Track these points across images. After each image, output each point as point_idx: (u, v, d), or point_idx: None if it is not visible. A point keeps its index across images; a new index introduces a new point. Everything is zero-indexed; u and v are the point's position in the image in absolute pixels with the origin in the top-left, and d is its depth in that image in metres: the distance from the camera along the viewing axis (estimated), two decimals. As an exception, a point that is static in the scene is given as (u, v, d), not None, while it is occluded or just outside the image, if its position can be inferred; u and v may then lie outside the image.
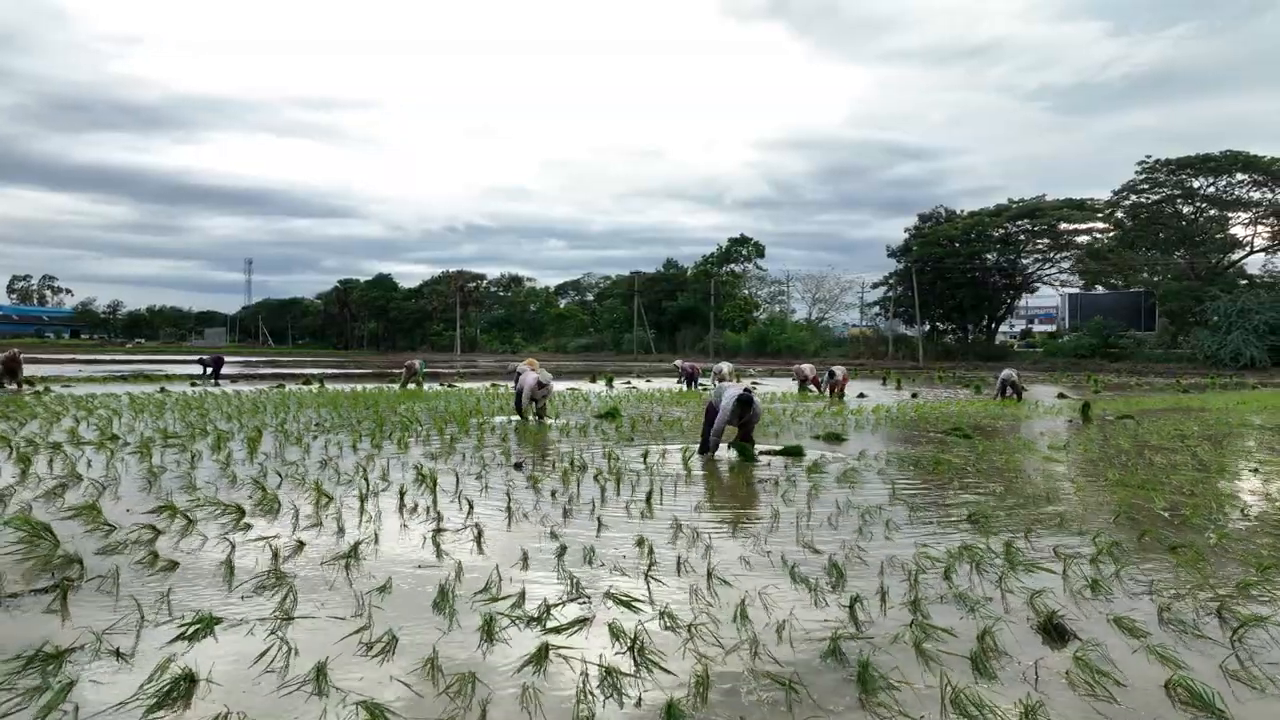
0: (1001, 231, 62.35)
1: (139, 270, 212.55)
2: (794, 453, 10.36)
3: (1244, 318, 49.20)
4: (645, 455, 9.93)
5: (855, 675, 3.44)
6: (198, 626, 3.92)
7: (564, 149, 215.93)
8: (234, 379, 29.98)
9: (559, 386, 24.20)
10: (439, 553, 5.44)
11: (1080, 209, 59.30)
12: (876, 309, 70.84)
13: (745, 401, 9.90)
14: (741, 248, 75.81)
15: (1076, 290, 69.10)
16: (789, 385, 27.63)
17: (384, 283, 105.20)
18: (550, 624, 4.06)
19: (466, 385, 27.44)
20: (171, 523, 6.28)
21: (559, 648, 3.70)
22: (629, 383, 30.55)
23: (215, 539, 5.73)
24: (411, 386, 24.31)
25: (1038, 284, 66.92)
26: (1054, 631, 3.91)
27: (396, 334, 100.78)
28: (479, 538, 5.79)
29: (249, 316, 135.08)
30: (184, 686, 3.25)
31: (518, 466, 9.17)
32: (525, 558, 5.26)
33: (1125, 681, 3.41)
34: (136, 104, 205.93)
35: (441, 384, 27.79)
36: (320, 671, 3.40)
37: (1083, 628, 4.05)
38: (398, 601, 4.41)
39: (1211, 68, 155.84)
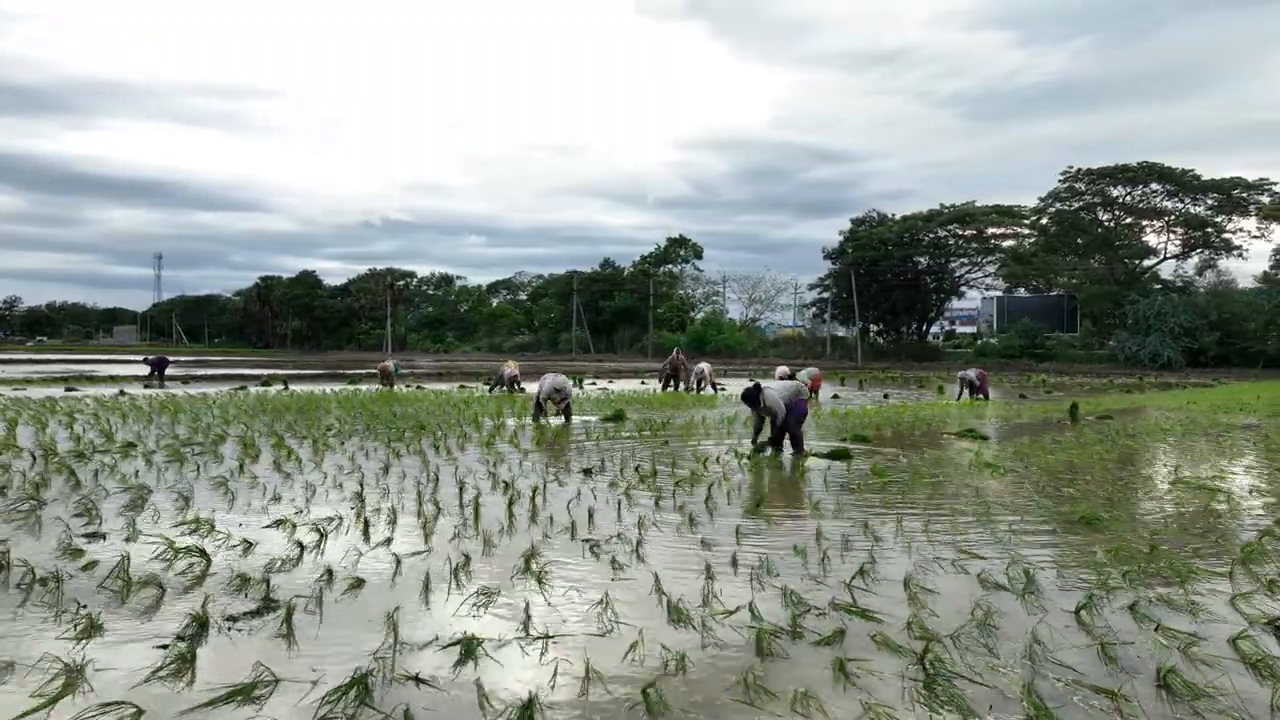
0: (932, 236, 64.24)
1: (31, 264, 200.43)
2: (841, 455, 10.52)
3: (1160, 321, 51.78)
4: (704, 461, 9.95)
5: (1159, 683, 3.54)
6: (467, 646, 3.81)
7: (483, 144, 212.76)
8: (183, 380, 28.80)
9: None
10: (615, 564, 5.37)
11: (1008, 215, 61.52)
12: (813, 310, 72.12)
13: (747, 398, 10.41)
14: (679, 248, 76.22)
15: (1000, 293, 71.58)
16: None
17: (307, 280, 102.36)
18: (811, 638, 4.06)
19: (435, 387, 26.97)
20: (292, 535, 6.06)
21: (853, 660, 3.71)
22: (594, 383, 30.44)
23: (372, 554, 5.55)
24: (384, 387, 23.76)
25: (965, 287, 69.19)
26: (1293, 633, 4.09)
27: (321, 333, 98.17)
28: (637, 547, 5.75)
29: (161, 314, 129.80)
30: (530, 711, 3.16)
31: (587, 473, 9.10)
32: (708, 569, 5.23)
33: None
34: (18, 85, 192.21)
35: (407, 385, 27.19)
36: (648, 690, 3.34)
37: (1306, 628, 4.24)
38: (632, 616, 4.34)
39: (1110, 80, 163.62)
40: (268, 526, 6.31)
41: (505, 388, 23.66)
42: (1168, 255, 60.61)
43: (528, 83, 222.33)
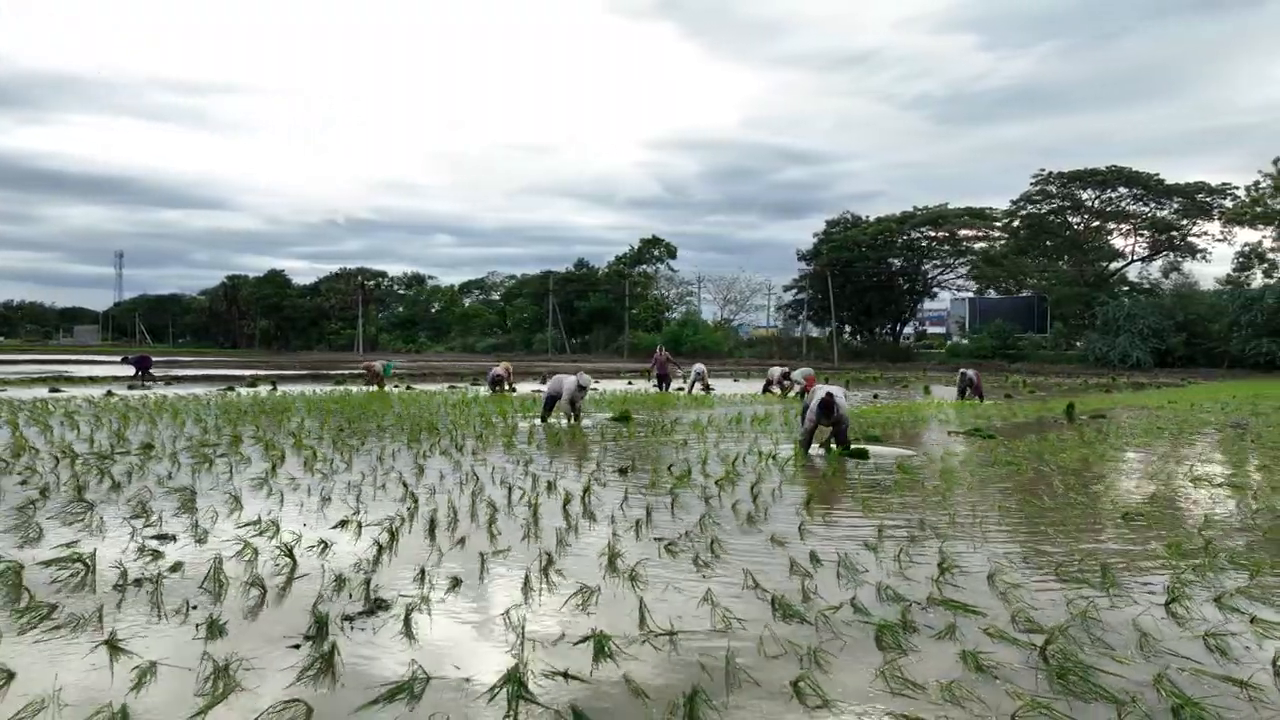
0: (905, 238, 65.01)
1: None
2: (860, 455, 10.67)
3: (1130, 322, 52.79)
4: (733, 461, 10.03)
5: (1277, 671, 3.69)
6: (599, 643, 3.86)
7: (452, 143, 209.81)
8: (165, 381, 28.35)
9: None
10: (697, 562, 5.45)
11: (980, 217, 62.39)
12: (790, 310, 72.53)
13: (825, 406, 10.37)
14: (654, 248, 76.35)
15: (971, 295, 72.50)
16: (733, 387, 28.08)
17: (276, 279, 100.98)
18: (926, 632, 4.16)
19: (423, 387, 26.83)
20: (360, 535, 6.07)
21: (980, 653, 3.81)
22: (581, 384, 30.42)
23: (452, 553, 5.58)
24: (373, 388, 23.61)
25: (938, 289, 70.06)
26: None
27: (290, 333, 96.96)
28: (711, 546, 5.82)
29: (124, 313, 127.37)
30: (694, 705, 3.22)
31: (623, 472, 9.16)
32: (792, 565, 5.33)
33: None
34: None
35: (396, 386, 26.97)
36: (798, 684, 3.42)
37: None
38: (742, 612, 4.41)
39: (1075, 84, 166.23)
40: (334, 527, 6.31)
41: (493, 388, 23.51)
42: (1135, 258, 61.85)
43: (497, 81, 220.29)
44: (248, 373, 34.15)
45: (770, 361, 58.66)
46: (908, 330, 74.52)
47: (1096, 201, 60.03)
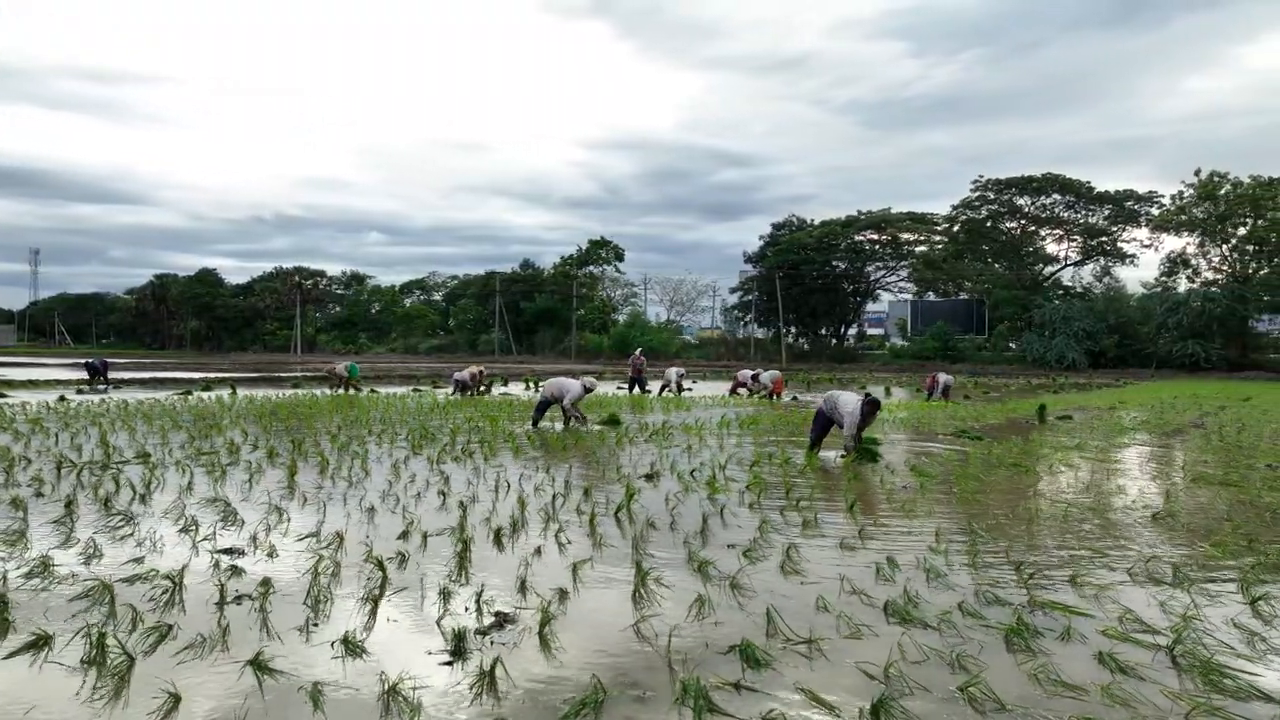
0: (849, 241, 66.27)
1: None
2: (871, 458, 10.86)
3: (1065, 324, 54.66)
4: (751, 465, 10.13)
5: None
6: (748, 653, 3.90)
7: (383, 140, 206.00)
8: (115, 385, 27.37)
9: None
10: (783, 569, 5.51)
11: (921, 222, 63.94)
12: (736, 312, 73.22)
13: (875, 404, 10.67)
14: (601, 250, 76.40)
15: (911, 297, 74.17)
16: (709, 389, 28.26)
17: (208, 278, 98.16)
18: (1049, 635, 4.29)
19: (388, 390, 26.42)
20: (426, 544, 6.00)
21: (1116, 655, 3.95)
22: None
23: (536, 563, 5.55)
24: (340, 391, 23.17)
25: (880, 291, 71.55)
26: None
27: (223, 333, 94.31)
28: (788, 552, 5.90)
29: (41, 313, 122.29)
30: (879, 713, 3.29)
31: (649, 478, 9.19)
32: (878, 570, 5.43)
33: None
34: None
35: (358, 388, 26.49)
36: (968, 689, 3.51)
37: None
38: (859, 618, 4.49)
39: (997, 93, 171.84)
40: (399, 538, 6.21)
41: (461, 391, 23.20)
42: (1068, 262, 64.02)
43: (428, 77, 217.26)
44: (197, 375, 33.23)
45: (720, 363, 59.37)
46: (851, 332, 75.78)
47: (1031, 207, 61.98)
